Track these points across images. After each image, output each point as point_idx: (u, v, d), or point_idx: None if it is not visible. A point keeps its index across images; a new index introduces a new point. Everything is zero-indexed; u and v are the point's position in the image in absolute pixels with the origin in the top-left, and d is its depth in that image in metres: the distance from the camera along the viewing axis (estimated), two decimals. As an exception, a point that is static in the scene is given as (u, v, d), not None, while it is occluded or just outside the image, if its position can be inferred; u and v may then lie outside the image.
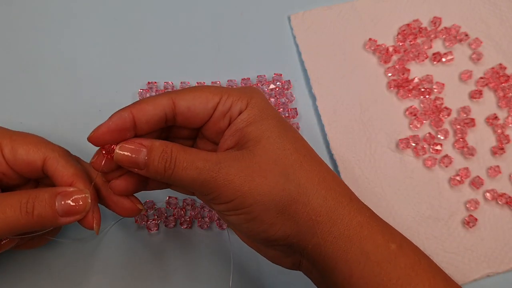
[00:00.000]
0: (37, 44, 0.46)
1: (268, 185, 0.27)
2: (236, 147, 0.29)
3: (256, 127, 0.29)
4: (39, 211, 0.28)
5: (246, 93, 0.30)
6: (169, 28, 0.46)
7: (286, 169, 0.28)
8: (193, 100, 0.29)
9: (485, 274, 0.38)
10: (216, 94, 0.29)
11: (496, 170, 0.41)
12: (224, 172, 0.27)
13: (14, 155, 0.30)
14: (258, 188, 0.27)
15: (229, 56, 0.45)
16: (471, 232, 0.40)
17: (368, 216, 0.29)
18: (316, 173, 0.29)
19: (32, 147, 0.31)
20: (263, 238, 0.29)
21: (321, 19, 0.46)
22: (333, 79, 0.44)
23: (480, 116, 0.43)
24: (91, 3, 0.47)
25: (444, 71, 0.45)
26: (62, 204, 0.29)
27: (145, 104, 0.28)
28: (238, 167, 0.27)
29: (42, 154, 0.31)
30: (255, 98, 0.30)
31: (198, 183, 0.27)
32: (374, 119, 0.43)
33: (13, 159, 0.30)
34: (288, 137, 0.29)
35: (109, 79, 0.44)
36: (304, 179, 0.28)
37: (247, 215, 0.28)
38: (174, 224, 0.39)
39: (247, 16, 0.47)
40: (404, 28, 0.45)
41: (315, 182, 0.28)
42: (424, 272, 0.27)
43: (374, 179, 0.41)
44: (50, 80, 0.44)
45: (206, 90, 0.29)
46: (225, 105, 0.29)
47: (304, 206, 0.28)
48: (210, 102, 0.29)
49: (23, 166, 0.30)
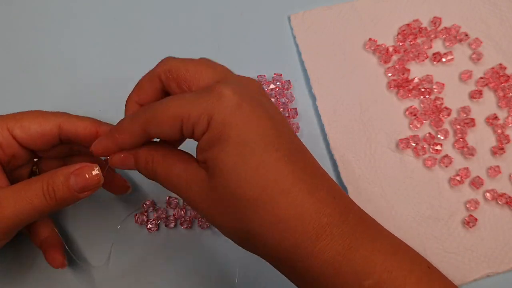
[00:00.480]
0: (37, 44, 0.46)
1: (224, 220, 0.27)
2: (205, 166, 0.27)
3: (213, 154, 0.26)
4: (59, 194, 0.29)
5: (207, 108, 0.26)
6: (169, 28, 0.46)
7: (240, 211, 0.26)
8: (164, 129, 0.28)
9: (485, 274, 0.38)
10: (176, 119, 0.27)
11: (496, 170, 0.41)
12: (192, 194, 0.28)
13: (27, 132, 0.31)
14: (218, 220, 0.27)
15: (229, 56, 0.45)
16: (471, 232, 0.40)
17: (333, 255, 0.25)
18: (273, 212, 0.25)
19: (41, 119, 0.31)
20: None
21: (321, 19, 0.46)
22: (333, 79, 0.44)
23: (480, 116, 0.43)
24: (91, 3, 0.47)
25: (444, 71, 0.45)
26: (77, 182, 0.30)
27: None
28: (202, 193, 0.27)
29: (53, 121, 0.32)
30: (217, 113, 0.26)
31: (179, 195, 0.29)
32: (374, 119, 0.43)
33: (27, 136, 0.31)
34: (246, 170, 0.25)
35: (109, 79, 0.44)
36: (256, 223, 0.26)
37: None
38: (174, 224, 0.39)
39: (247, 16, 0.47)
40: (404, 28, 0.45)
41: (267, 225, 0.26)
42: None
43: (374, 179, 0.41)
44: (50, 80, 0.44)
45: (170, 113, 0.27)
46: (188, 131, 0.27)
47: (262, 245, 0.26)
48: (175, 132, 0.27)
49: (38, 139, 0.31)
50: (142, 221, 0.39)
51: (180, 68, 0.29)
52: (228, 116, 0.26)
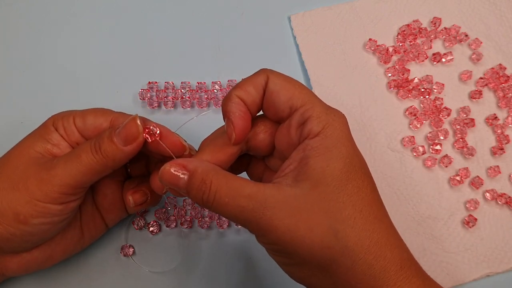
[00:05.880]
0: (37, 44, 0.46)
1: (312, 240, 0.25)
2: (295, 176, 0.27)
3: (319, 165, 0.27)
4: (103, 147, 0.30)
5: (328, 113, 0.28)
6: (169, 28, 0.46)
7: (336, 225, 0.26)
8: (280, 89, 0.29)
9: (485, 274, 0.38)
10: (300, 98, 0.28)
11: (496, 170, 0.41)
12: (269, 215, 0.26)
13: (84, 123, 0.33)
14: (301, 241, 0.26)
15: (229, 56, 0.45)
16: (471, 232, 0.40)
17: (416, 286, 0.26)
18: (369, 234, 0.26)
19: (98, 113, 0.33)
20: (298, 280, 0.28)
21: (321, 20, 0.46)
22: (333, 79, 0.44)
23: (480, 116, 0.43)
24: (91, 3, 0.47)
25: (444, 71, 0.45)
26: (119, 134, 0.30)
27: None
28: (285, 211, 0.26)
29: (107, 116, 0.33)
30: (334, 125, 0.28)
31: (240, 220, 0.27)
32: (374, 119, 0.43)
33: (83, 127, 0.33)
34: (348, 187, 0.27)
35: (109, 79, 0.44)
36: (352, 241, 0.26)
37: (286, 259, 0.27)
38: (175, 225, 0.39)
39: (247, 16, 0.47)
40: (404, 29, 0.45)
41: (364, 245, 0.26)
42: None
43: (374, 179, 0.41)
44: (50, 80, 0.44)
45: (297, 86, 0.29)
46: (304, 114, 0.28)
47: (346, 270, 0.26)
48: (291, 100, 0.28)
49: (91, 131, 0.33)
50: (141, 227, 0.39)
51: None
52: (342, 133, 0.28)
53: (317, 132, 0.27)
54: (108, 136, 0.30)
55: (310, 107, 0.28)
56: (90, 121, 0.33)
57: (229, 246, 0.39)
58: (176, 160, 0.29)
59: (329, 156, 0.27)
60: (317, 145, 0.27)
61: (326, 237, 0.25)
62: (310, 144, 0.27)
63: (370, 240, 0.26)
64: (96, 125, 0.33)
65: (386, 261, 0.26)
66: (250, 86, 0.29)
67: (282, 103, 0.29)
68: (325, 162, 0.27)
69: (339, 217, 0.26)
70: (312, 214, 0.26)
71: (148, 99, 0.43)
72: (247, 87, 0.29)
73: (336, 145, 0.27)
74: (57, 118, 0.33)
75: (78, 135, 0.33)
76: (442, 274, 0.38)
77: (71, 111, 0.34)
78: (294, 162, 0.28)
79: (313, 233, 0.25)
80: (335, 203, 0.26)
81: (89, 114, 0.33)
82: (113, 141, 0.30)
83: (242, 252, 0.39)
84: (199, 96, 0.43)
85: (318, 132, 0.27)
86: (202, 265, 0.39)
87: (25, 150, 0.32)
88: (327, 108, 0.29)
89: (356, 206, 0.26)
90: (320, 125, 0.27)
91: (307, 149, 0.27)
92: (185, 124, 0.37)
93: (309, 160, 0.27)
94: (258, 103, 0.30)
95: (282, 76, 0.29)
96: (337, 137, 0.27)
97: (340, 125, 0.28)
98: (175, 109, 0.44)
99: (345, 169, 0.27)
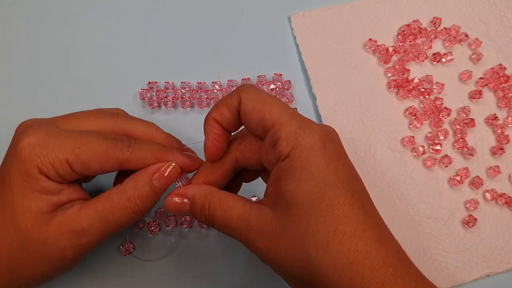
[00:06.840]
0: (37, 44, 0.46)
1: (290, 262, 0.27)
2: (274, 197, 0.28)
3: (290, 188, 0.27)
4: (145, 198, 0.31)
5: (297, 133, 0.27)
6: (169, 28, 0.46)
7: (308, 249, 0.26)
8: (251, 111, 0.29)
9: (485, 274, 0.38)
10: (270, 119, 0.28)
11: (496, 170, 0.41)
12: (252, 238, 0.28)
13: (88, 170, 0.31)
14: (282, 263, 0.27)
15: (229, 56, 0.45)
16: (471, 232, 0.40)
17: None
18: (344, 255, 0.26)
19: (103, 159, 0.31)
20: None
21: (321, 20, 0.46)
22: (333, 79, 0.44)
23: (480, 116, 0.43)
24: (91, 3, 0.47)
25: (444, 71, 0.45)
26: (158, 180, 0.31)
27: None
28: (266, 234, 0.27)
29: (115, 159, 0.31)
30: (302, 145, 0.27)
31: (236, 239, 0.29)
32: (374, 119, 0.43)
33: (85, 172, 0.31)
34: (322, 207, 0.26)
35: (109, 79, 0.44)
36: (325, 263, 0.26)
37: (278, 274, 0.29)
38: (174, 224, 0.39)
39: (247, 16, 0.47)
40: (404, 29, 0.45)
41: (338, 267, 0.25)
42: None
43: (374, 179, 0.41)
44: (50, 80, 0.44)
45: (269, 105, 0.28)
46: (273, 136, 0.28)
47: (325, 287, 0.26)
48: (262, 121, 0.28)
49: (101, 171, 0.32)
50: (141, 226, 0.39)
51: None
52: (313, 152, 0.27)
53: (286, 154, 0.27)
54: (149, 187, 0.31)
55: (278, 128, 0.27)
56: (95, 166, 0.30)
57: (229, 246, 0.39)
58: (176, 190, 0.31)
59: (298, 178, 0.27)
60: (287, 167, 0.27)
61: (301, 261, 0.26)
62: (282, 166, 0.27)
63: (345, 261, 0.26)
64: (105, 169, 0.31)
65: (364, 281, 0.25)
66: (224, 108, 0.29)
67: (255, 124, 0.28)
68: (295, 184, 0.27)
69: (311, 240, 0.26)
70: (287, 237, 0.27)
71: (148, 99, 0.43)
72: (222, 109, 0.30)
73: (305, 166, 0.26)
74: (42, 160, 0.29)
75: (70, 171, 0.30)
76: (442, 274, 0.38)
77: (46, 132, 0.30)
78: (273, 183, 0.28)
79: (289, 256, 0.27)
80: (308, 226, 0.26)
81: (91, 158, 0.30)
82: (155, 189, 0.31)
83: (242, 252, 0.39)
84: (199, 96, 0.43)
85: (287, 153, 0.27)
86: (202, 265, 0.39)
87: (28, 222, 0.29)
88: (298, 126, 0.27)
89: (330, 226, 0.26)
90: (288, 146, 0.27)
91: (280, 171, 0.27)
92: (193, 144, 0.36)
93: (281, 183, 0.27)
94: (235, 123, 0.30)
95: (255, 95, 0.29)
96: (306, 157, 0.27)
97: (311, 143, 0.27)
98: (175, 109, 0.44)
99: (316, 190, 0.26)
